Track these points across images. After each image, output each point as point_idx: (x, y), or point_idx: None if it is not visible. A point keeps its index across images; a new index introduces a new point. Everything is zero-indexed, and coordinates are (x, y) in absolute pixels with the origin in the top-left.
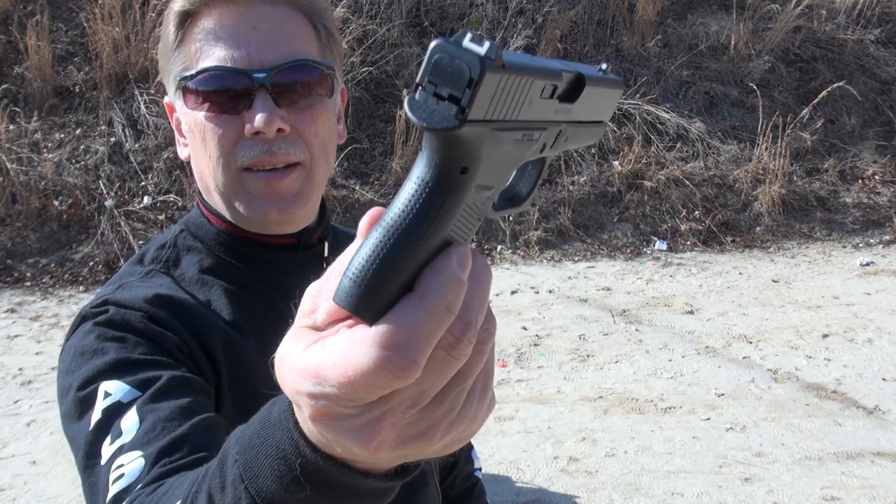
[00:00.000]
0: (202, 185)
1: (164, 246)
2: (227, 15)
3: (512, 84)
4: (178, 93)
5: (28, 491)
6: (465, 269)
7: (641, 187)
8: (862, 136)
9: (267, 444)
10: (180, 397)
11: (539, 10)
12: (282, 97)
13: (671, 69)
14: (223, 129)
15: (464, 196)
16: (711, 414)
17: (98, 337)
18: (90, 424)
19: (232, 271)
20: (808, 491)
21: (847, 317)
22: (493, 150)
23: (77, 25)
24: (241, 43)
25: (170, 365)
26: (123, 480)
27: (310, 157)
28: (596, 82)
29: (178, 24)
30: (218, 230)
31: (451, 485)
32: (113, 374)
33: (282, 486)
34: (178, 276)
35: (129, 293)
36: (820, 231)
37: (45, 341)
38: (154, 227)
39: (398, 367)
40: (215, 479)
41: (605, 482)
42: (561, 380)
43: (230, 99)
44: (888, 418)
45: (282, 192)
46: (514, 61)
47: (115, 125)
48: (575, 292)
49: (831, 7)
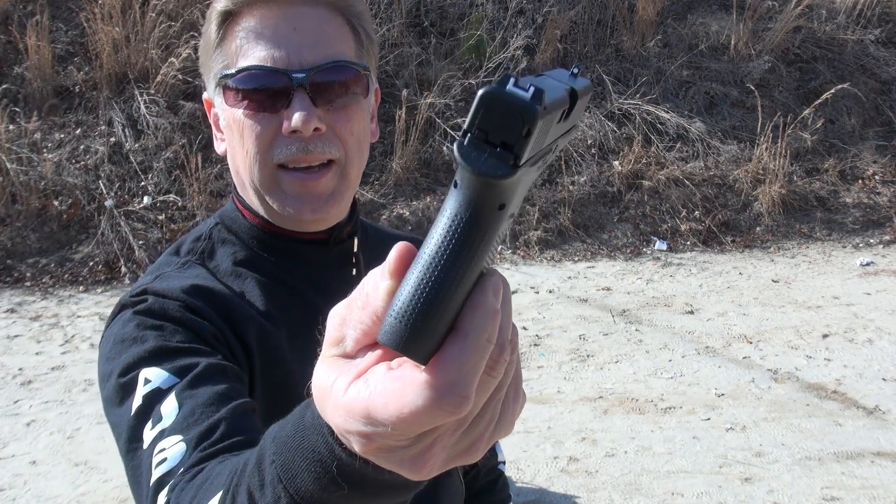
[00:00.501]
0: (237, 180)
1: (199, 238)
2: (268, 15)
3: (548, 121)
4: (217, 90)
5: (28, 491)
6: (499, 299)
7: (641, 187)
8: (862, 136)
9: (303, 448)
10: (217, 384)
11: (539, 10)
12: (319, 97)
13: (671, 69)
14: (261, 126)
15: (499, 229)
16: (711, 414)
17: (138, 325)
18: (131, 410)
19: (264, 264)
20: (808, 491)
21: (847, 317)
22: (524, 182)
23: (77, 25)
24: (281, 43)
25: (206, 352)
26: (166, 464)
27: (345, 155)
28: (584, 92)
29: (220, 22)
30: (251, 224)
31: (475, 477)
32: (152, 362)
33: (320, 487)
34: (213, 268)
35: (167, 283)
36: (820, 231)
37: (45, 341)
38: (154, 227)
39: (453, 405)
40: (254, 477)
41: (605, 482)
42: (561, 380)
43: (269, 97)
44: (888, 418)
45: (316, 192)
46: (551, 98)
47: (115, 125)
48: (575, 292)
49: (831, 7)
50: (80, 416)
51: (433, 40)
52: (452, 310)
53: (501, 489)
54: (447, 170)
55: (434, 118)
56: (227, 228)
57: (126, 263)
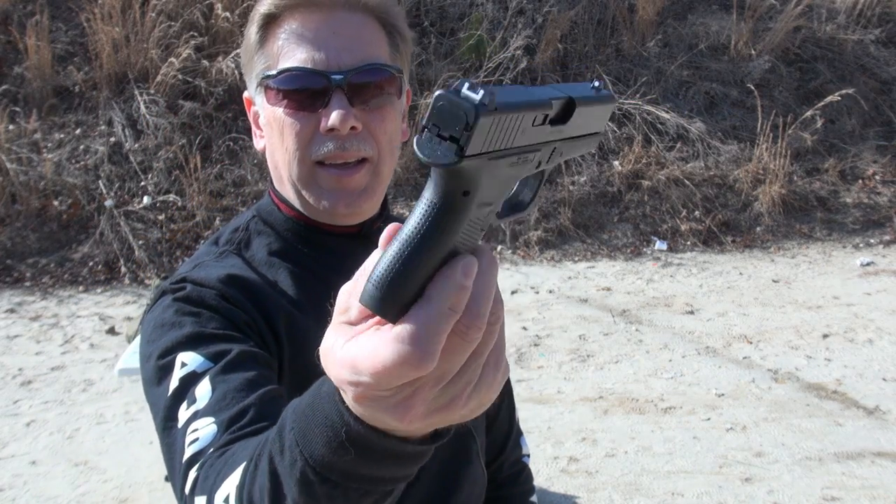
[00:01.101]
0: (276, 174)
1: (237, 229)
2: (310, 19)
3: (505, 121)
4: (258, 89)
5: (28, 491)
6: (468, 276)
7: (641, 187)
8: (862, 136)
9: (317, 415)
10: (248, 370)
11: (539, 10)
12: (356, 97)
13: (671, 69)
14: (301, 124)
15: (466, 214)
16: (711, 414)
17: (176, 311)
18: (168, 391)
19: (297, 255)
20: (808, 491)
21: (847, 317)
22: (490, 174)
23: (77, 25)
24: (321, 46)
25: (239, 339)
26: (198, 444)
27: (378, 153)
28: (587, 102)
29: (262, 25)
30: (286, 217)
31: (499, 468)
32: (189, 346)
33: (330, 450)
34: (249, 257)
35: (205, 272)
36: (820, 231)
37: (45, 341)
38: (154, 227)
39: (416, 358)
40: (275, 443)
41: (605, 482)
42: (561, 380)
43: (309, 97)
44: (888, 418)
45: (350, 188)
46: (507, 101)
47: (115, 125)
48: (575, 292)
49: (831, 7)
50: (80, 416)
51: (433, 40)
52: (419, 279)
53: (525, 481)
54: None
55: None
56: (264, 221)
57: (126, 263)
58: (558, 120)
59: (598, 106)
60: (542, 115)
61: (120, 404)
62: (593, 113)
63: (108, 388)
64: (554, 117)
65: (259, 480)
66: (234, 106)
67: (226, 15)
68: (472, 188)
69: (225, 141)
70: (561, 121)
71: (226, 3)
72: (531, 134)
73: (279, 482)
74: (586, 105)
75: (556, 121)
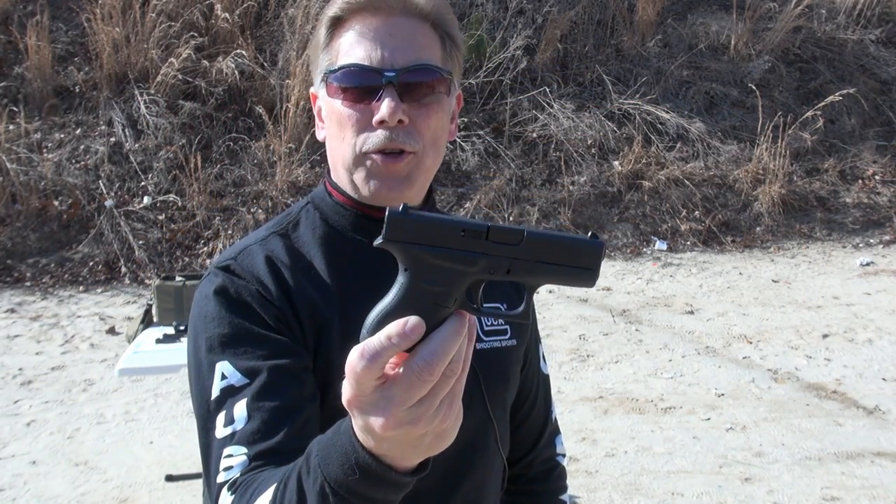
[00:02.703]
0: (332, 162)
1: (289, 214)
2: (371, 22)
3: (423, 226)
4: (321, 84)
5: (28, 491)
6: (408, 328)
7: (641, 187)
8: (862, 136)
9: (337, 445)
10: (279, 396)
11: (539, 10)
12: (406, 94)
13: (671, 69)
14: (356, 116)
15: (412, 292)
16: (711, 414)
17: (218, 305)
18: (210, 395)
19: (341, 240)
20: (808, 491)
21: (847, 317)
22: (425, 262)
23: (77, 25)
24: (379, 46)
25: (272, 341)
26: (231, 472)
27: (422, 147)
28: (547, 238)
29: (329, 26)
30: (336, 202)
31: (530, 464)
32: (228, 352)
33: (343, 472)
34: (295, 238)
35: (248, 261)
36: (820, 231)
37: (45, 341)
38: (154, 227)
39: (362, 360)
40: (304, 467)
41: (605, 482)
42: (561, 380)
43: (363, 92)
44: (888, 418)
45: (394, 174)
46: (420, 214)
47: (115, 125)
48: (575, 292)
49: (831, 7)
50: (80, 416)
51: None
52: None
53: (557, 479)
54: (447, 170)
55: None
56: (316, 206)
57: (126, 263)
58: (506, 243)
59: (570, 245)
60: (473, 231)
61: (120, 404)
62: (564, 250)
63: (109, 388)
64: (496, 239)
65: (288, 496)
66: (234, 106)
67: (226, 15)
68: (412, 268)
69: (225, 141)
70: (510, 244)
71: (226, 4)
72: (462, 242)
73: (304, 495)
74: (547, 240)
75: (503, 243)
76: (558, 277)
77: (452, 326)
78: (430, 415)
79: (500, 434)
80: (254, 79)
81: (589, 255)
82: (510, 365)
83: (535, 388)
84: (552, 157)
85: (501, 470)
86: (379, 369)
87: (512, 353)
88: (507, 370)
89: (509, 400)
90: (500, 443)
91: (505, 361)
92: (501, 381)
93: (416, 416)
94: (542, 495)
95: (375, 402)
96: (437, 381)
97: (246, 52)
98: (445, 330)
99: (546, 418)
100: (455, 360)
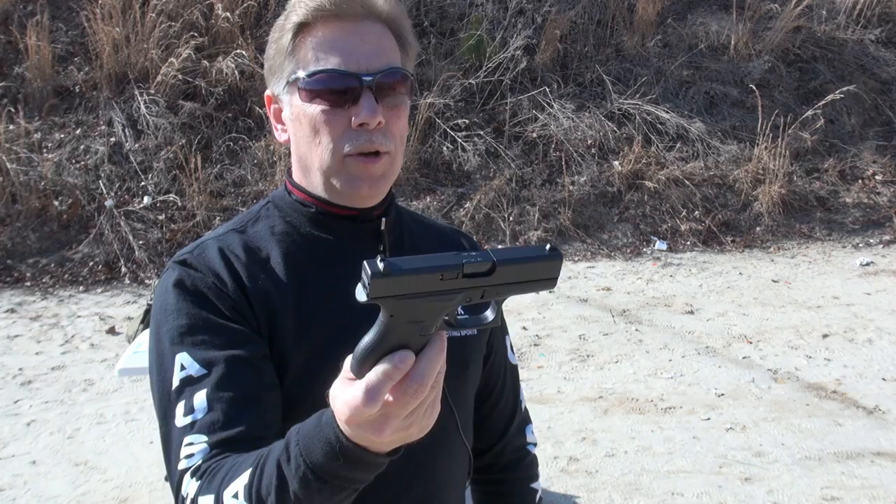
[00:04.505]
0: (300, 164)
1: (251, 212)
2: (339, 27)
3: (403, 280)
4: (287, 89)
5: (28, 491)
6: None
7: (641, 187)
8: (862, 136)
9: (320, 435)
10: (238, 387)
11: (539, 10)
12: (381, 96)
13: (671, 69)
14: (334, 121)
15: (397, 328)
16: (711, 414)
17: (176, 297)
18: (171, 385)
19: (295, 235)
20: (808, 491)
21: (847, 317)
22: (408, 306)
23: (77, 25)
24: (352, 52)
25: (229, 330)
26: (192, 459)
27: (394, 147)
28: (515, 262)
29: (295, 33)
30: (296, 199)
31: (500, 452)
32: (185, 344)
33: (327, 459)
34: (252, 234)
35: (203, 255)
36: (820, 231)
37: (45, 341)
38: (154, 227)
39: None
40: (283, 454)
41: (605, 482)
42: (561, 380)
43: (341, 96)
44: (888, 418)
45: (373, 173)
46: (401, 269)
47: (115, 125)
48: (575, 292)
49: (831, 7)
50: (80, 416)
51: (433, 40)
52: (373, 360)
53: (527, 467)
54: (447, 170)
55: (434, 118)
56: (275, 205)
57: (126, 263)
58: (480, 275)
59: (533, 264)
60: (450, 273)
61: (120, 404)
62: (529, 268)
63: (109, 388)
64: (470, 273)
65: (266, 480)
66: (234, 106)
67: (226, 15)
68: (395, 313)
69: (225, 141)
70: (484, 275)
71: (226, 4)
72: (441, 284)
73: (285, 480)
74: (514, 263)
75: (476, 275)
76: (525, 290)
77: (435, 347)
78: (419, 418)
79: (463, 422)
80: (254, 79)
81: (551, 268)
82: (469, 353)
83: (503, 378)
84: (552, 157)
85: (466, 458)
86: (381, 403)
87: (471, 342)
88: (467, 358)
89: (471, 388)
90: (463, 430)
91: (462, 350)
92: (460, 369)
93: (409, 423)
94: (513, 483)
95: (374, 420)
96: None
97: (246, 52)
98: (430, 352)
99: (515, 407)
100: (439, 372)
